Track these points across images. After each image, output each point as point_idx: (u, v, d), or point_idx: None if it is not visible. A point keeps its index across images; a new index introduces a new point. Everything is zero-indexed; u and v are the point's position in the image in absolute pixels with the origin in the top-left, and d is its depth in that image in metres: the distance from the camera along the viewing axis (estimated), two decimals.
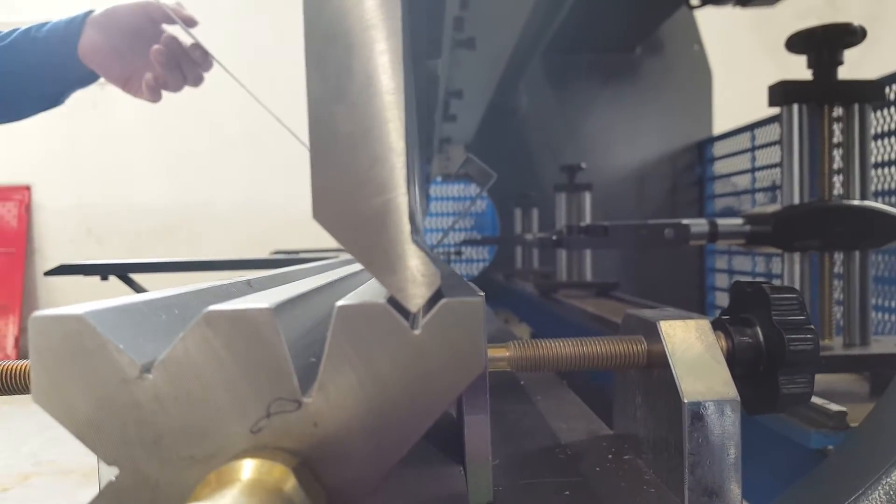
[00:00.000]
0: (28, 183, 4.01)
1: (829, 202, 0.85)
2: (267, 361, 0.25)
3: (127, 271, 1.35)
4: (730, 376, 0.44)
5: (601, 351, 0.48)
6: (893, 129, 1.18)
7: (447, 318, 0.24)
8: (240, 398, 0.25)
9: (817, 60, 0.85)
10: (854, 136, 0.85)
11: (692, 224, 0.91)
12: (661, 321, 0.46)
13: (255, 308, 0.25)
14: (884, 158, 1.21)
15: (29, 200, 4.00)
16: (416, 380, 0.24)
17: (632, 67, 2.10)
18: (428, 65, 0.89)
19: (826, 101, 0.86)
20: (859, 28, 0.86)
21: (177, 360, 0.25)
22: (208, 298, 0.33)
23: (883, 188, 1.22)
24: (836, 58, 0.85)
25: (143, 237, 4.05)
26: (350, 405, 0.24)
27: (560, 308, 1.43)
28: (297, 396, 0.25)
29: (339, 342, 0.24)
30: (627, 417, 0.53)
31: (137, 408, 0.25)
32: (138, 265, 1.37)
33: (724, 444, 0.43)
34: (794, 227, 0.84)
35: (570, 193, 1.66)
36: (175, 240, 4.05)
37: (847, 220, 0.83)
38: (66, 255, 3.83)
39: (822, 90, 0.85)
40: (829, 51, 0.85)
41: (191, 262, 1.44)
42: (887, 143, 1.21)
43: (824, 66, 0.85)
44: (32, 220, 4.03)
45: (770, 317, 0.47)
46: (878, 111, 1.22)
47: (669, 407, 0.45)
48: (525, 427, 0.55)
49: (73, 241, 4.04)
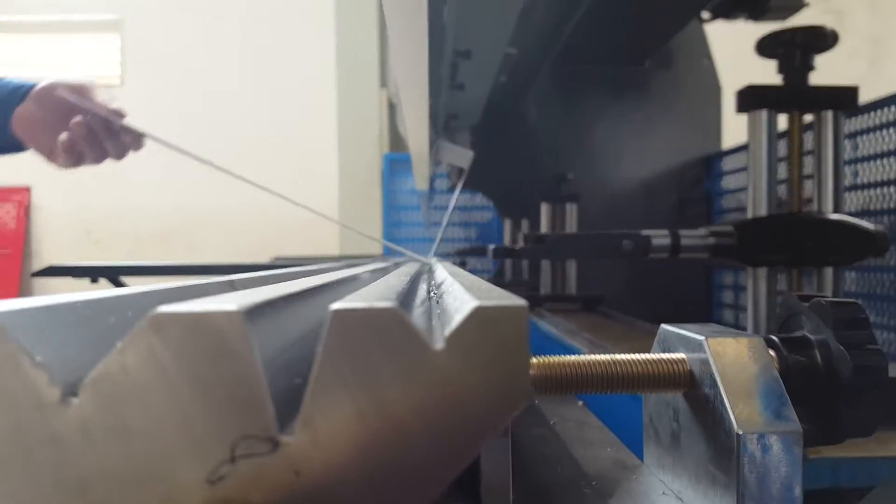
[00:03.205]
0: (28, 184, 3.95)
1: (796, 214, 0.78)
2: (233, 384, 0.18)
3: (118, 274, 1.28)
4: (790, 403, 0.38)
5: (637, 372, 0.41)
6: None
7: (481, 328, 0.18)
8: (195, 434, 0.18)
9: (788, 64, 0.80)
10: (827, 144, 0.79)
11: (653, 235, 0.85)
12: (708, 338, 0.40)
13: (218, 310, 0.18)
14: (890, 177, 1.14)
15: (28, 202, 3.93)
16: (438, 412, 0.18)
17: (641, 80, 2.06)
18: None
19: (796, 107, 0.80)
20: (831, 32, 0.80)
21: (111, 380, 0.18)
22: (171, 299, 0.26)
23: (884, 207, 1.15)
24: (808, 62, 0.80)
25: (143, 241, 3.98)
26: (346, 447, 0.18)
27: (545, 322, 1.37)
28: (272, 433, 0.18)
29: (333, 359, 0.18)
30: (661, 447, 0.46)
31: (57, 443, 0.18)
32: (130, 268, 1.30)
33: (785, 483, 0.36)
34: (759, 240, 0.78)
35: (555, 204, 1.62)
36: (175, 244, 3.98)
37: (817, 234, 0.76)
38: (65, 257, 3.75)
39: (793, 96, 0.79)
40: (800, 54, 0.79)
41: (185, 266, 1.38)
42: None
43: (795, 70, 0.79)
44: (31, 222, 3.96)
45: (830, 334, 0.41)
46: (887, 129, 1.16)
47: (717, 437, 0.39)
48: (546, 455, 0.48)
49: (71, 244, 3.96)
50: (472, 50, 1.20)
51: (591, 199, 1.84)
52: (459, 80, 1.36)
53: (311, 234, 3.57)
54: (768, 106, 0.79)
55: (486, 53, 1.25)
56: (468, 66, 1.28)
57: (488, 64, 1.36)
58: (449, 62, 1.23)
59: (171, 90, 3.94)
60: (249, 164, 3.96)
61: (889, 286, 1.07)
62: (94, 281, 1.27)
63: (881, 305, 1.09)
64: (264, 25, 3.92)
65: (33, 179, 3.96)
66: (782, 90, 0.79)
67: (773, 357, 0.40)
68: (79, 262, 1.42)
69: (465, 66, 1.27)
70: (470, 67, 1.28)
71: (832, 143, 0.79)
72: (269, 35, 3.92)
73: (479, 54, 1.23)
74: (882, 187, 1.07)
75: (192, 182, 3.96)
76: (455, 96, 1.50)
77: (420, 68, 0.99)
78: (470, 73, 1.34)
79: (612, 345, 1.05)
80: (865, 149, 1.11)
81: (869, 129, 1.10)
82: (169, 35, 3.79)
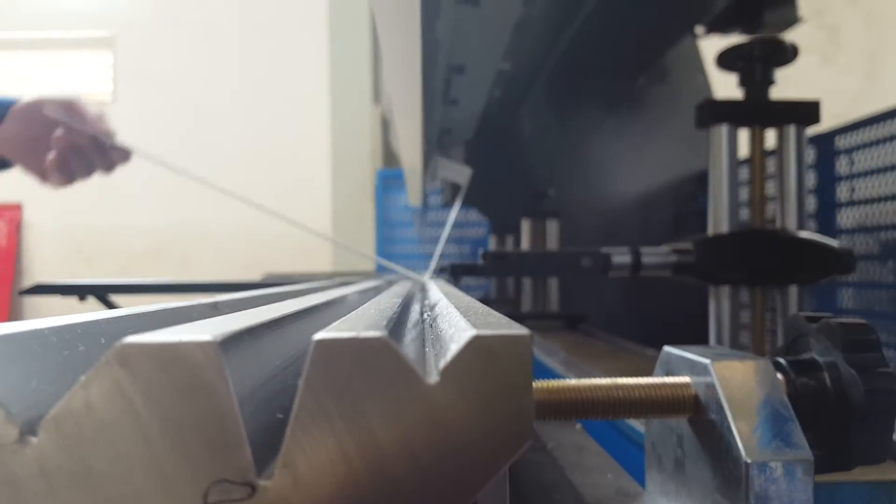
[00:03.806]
0: (18, 202, 3.92)
1: (757, 231, 0.77)
2: (207, 422, 0.16)
3: (106, 292, 1.26)
4: (801, 430, 0.36)
5: (640, 396, 0.40)
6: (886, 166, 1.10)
7: (479, 360, 0.16)
8: (166, 477, 0.16)
9: (748, 78, 0.79)
10: (789, 159, 0.78)
11: (613, 253, 0.84)
12: (714, 361, 0.38)
13: (191, 341, 0.16)
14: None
15: (19, 219, 3.90)
16: (431, 454, 0.16)
17: (636, 95, 2.06)
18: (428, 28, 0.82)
19: (757, 121, 0.79)
20: (790, 45, 0.80)
21: (74, 418, 0.17)
22: (146, 325, 0.25)
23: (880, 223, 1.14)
24: (769, 76, 0.79)
25: (135, 258, 3.95)
26: (329, 492, 0.16)
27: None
28: (249, 476, 0.16)
29: (316, 395, 0.16)
30: (665, 473, 0.45)
31: (13, 487, 0.17)
32: (118, 286, 1.28)
33: None
34: (718, 257, 0.76)
35: (535, 220, 1.61)
36: (167, 261, 3.95)
37: (778, 252, 0.75)
38: (56, 274, 3.72)
39: (754, 110, 0.78)
40: (761, 67, 0.79)
41: (175, 284, 1.36)
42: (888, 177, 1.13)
43: (756, 84, 0.79)
44: (22, 239, 3.93)
45: (840, 356, 0.39)
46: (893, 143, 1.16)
47: (724, 465, 0.37)
48: (543, 482, 0.46)
49: (62, 261, 3.93)
50: (466, 65, 1.20)
51: (587, 215, 1.83)
52: (453, 95, 1.36)
53: (304, 251, 3.55)
54: (728, 121, 0.78)
55: (480, 68, 1.25)
56: (462, 81, 1.27)
57: (482, 79, 1.36)
58: (442, 77, 1.23)
59: (163, 107, 3.94)
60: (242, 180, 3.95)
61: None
62: (83, 299, 1.25)
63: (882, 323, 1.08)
64: (257, 42, 3.93)
65: (24, 197, 3.93)
66: (742, 104, 0.78)
67: (780, 381, 0.39)
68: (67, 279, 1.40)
69: (458, 80, 1.26)
70: (463, 82, 1.28)
71: (795, 158, 0.77)
72: (263, 52, 3.92)
73: (473, 69, 1.22)
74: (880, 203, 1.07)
75: (184, 199, 3.94)
76: (449, 111, 1.50)
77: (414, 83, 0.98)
78: (463, 88, 1.34)
79: (589, 364, 1.03)
80: (861, 165, 1.11)
81: (865, 145, 1.10)
82: (161, 52, 3.79)
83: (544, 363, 1.12)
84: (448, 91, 1.33)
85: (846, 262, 0.76)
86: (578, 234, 1.72)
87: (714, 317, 0.77)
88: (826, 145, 1.19)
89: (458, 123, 1.69)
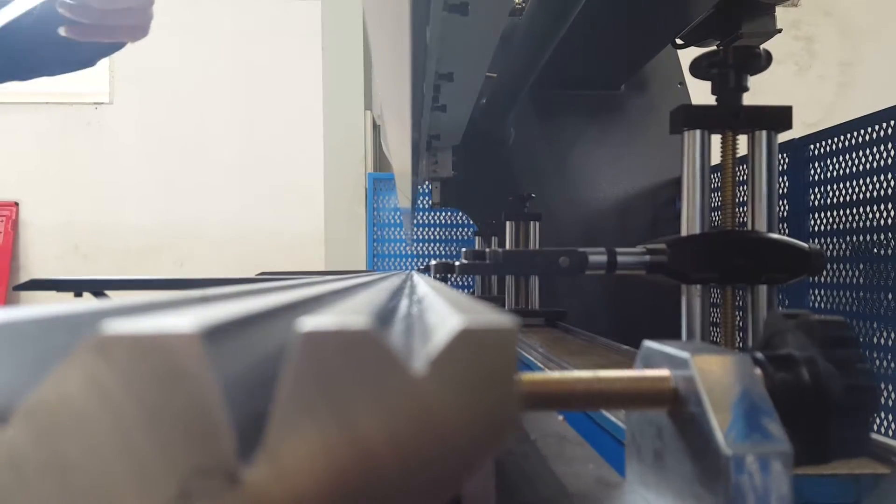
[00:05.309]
0: (16, 199, 3.86)
1: (727, 232, 0.77)
2: (188, 411, 0.15)
3: (102, 288, 1.24)
4: (780, 423, 0.36)
5: (620, 388, 0.39)
6: (872, 169, 1.11)
7: (466, 351, 0.15)
8: (144, 469, 0.15)
9: (722, 84, 0.79)
10: (760, 164, 0.78)
11: (589, 252, 0.84)
12: (693, 355, 0.38)
13: (171, 327, 0.15)
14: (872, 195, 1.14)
15: (16, 216, 3.84)
16: (417, 445, 0.15)
17: (617, 104, 2.07)
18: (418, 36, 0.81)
19: (729, 126, 0.79)
20: (764, 52, 0.80)
21: (48, 408, 0.15)
22: (132, 315, 0.24)
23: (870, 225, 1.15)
24: (742, 82, 0.79)
25: (132, 256, 3.90)
26: (313, 482, 0.15)
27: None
28: (231, 466, 0.15)
29: (300, 385, 0.15)
30: (644, 464, 0.44)
31: None
32: (114, 282, 1.26)
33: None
34: (690, 257, 0.77)
35: (518, 222, 1.62)
36: (163, 259, 3.91)
37: (747, 252, 0.75)
38: (52, 272, 3.66)
39: (726, 115, 0.79)
40: (734, 74, 0.79)
41: (170, 280, 1.34)
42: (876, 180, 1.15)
43: (729, 90, 0.79)
44: (19, 237, 3.87)
45: (818, 352, 0.39)
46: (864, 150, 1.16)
47: (703, 457, 0.36)
48: (528, 473, 0.45)
49: (59, 258, 3.88)
50: (455, 73, 1.20)
51: (568, 219, 1.83)
52: (442, 102, 1.35)
53: (298, 251, 3.54)
54: (700, 126, 0.78)
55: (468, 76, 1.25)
56: (450, 89, 1.27)
57: (470, 86, 1.35)
58: (432, 84, 1.22)
59: (159, 109, 3.90)
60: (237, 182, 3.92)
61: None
62: (78, 295, 1.22)
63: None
64: (252, 48, 3.90)
65: (21, 194, 3.88)
66: (714, 110, 0.79)
67: (759, 375, 0.38)
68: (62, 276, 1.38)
69: (447, 88, 1.26)
70: (452, 90, 1.27)
71: (766, 162, 0.78)
72: (257, 58, 3.90)
73: (462, 77, 1.22)
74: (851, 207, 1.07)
75: (181, 197, 3.90)
76: (437, 117, 1.49)
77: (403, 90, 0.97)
78: (452, 95, 1.33)
79: (567, 359, 1.03)
80: (834, 171, 1.11)
81: (838, 152, 1.10)
82: (158, 54, 3.74)
83: (523, 358, 1.12)
84: (437, 97, 1.33)
85: (816, 263, 0.77)
86: (560, 236, 1.72)
87: (686, 314, 0.77)
88: (801, 152, 1.19)
89: (447, 129, 1.69)
